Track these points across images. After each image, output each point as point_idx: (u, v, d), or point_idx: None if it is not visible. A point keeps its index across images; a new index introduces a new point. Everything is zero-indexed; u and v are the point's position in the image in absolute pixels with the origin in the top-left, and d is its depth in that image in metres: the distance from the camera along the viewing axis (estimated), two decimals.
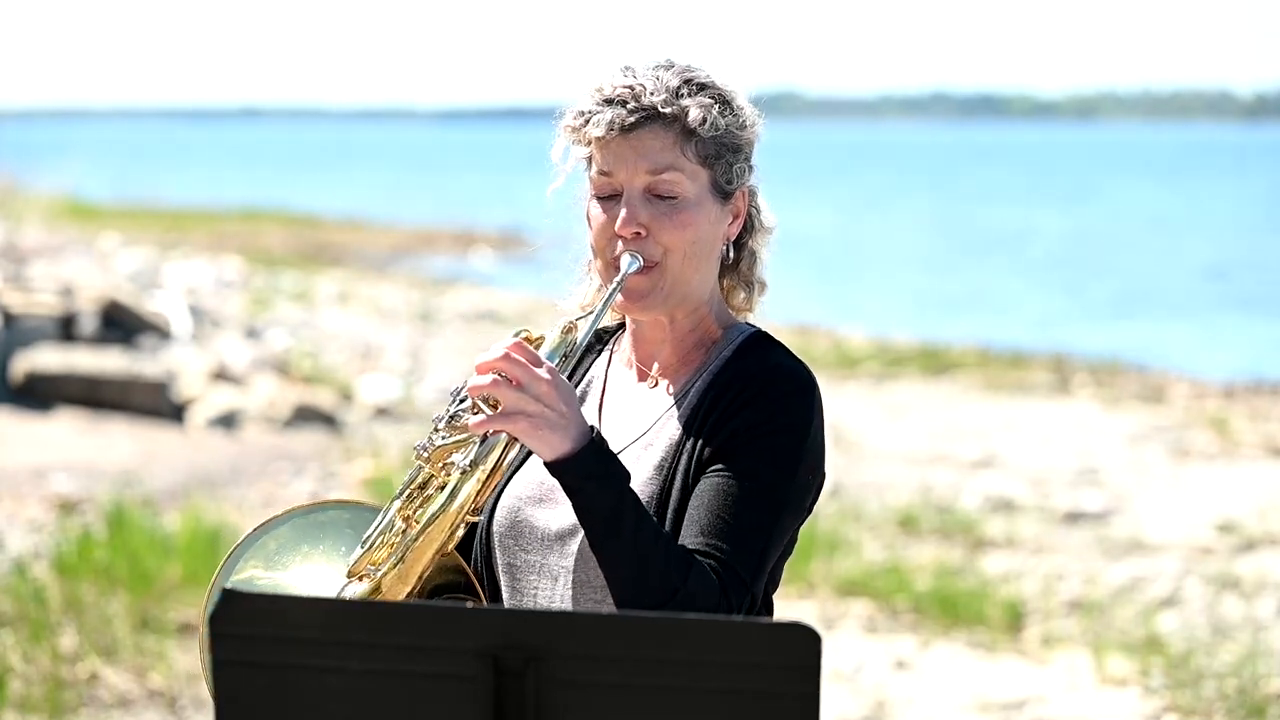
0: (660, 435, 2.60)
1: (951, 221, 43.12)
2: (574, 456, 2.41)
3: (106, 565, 7.82)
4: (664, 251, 2.57)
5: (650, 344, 2.68)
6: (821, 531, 9.28)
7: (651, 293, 2.59)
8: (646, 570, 2.40)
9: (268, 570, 2.60)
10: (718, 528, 2.46)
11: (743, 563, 2.46)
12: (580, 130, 2.60)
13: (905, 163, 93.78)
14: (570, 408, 2.43)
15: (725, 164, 2.60)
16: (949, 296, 25.73)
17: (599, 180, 2.60)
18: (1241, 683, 7.17)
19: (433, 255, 31.96)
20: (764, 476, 2.49)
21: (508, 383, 2.41)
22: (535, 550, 2.61)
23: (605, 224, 2.59)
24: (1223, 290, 26.79)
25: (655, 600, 2.39)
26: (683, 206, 2.57)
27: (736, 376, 2.56)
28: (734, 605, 2.44)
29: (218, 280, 22.66)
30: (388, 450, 11.72)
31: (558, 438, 2.41)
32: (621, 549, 2.40)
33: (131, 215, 35.32)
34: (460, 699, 2.01)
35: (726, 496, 2.48)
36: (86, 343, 13.71)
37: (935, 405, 14.86)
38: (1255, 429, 13.73)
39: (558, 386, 2.42)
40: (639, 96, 2.56)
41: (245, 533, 2.66)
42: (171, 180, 54.79)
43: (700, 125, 2.56)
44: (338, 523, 2.64)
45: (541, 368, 2.43)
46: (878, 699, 7.12)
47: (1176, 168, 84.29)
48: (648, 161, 2.56)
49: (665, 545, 2.42)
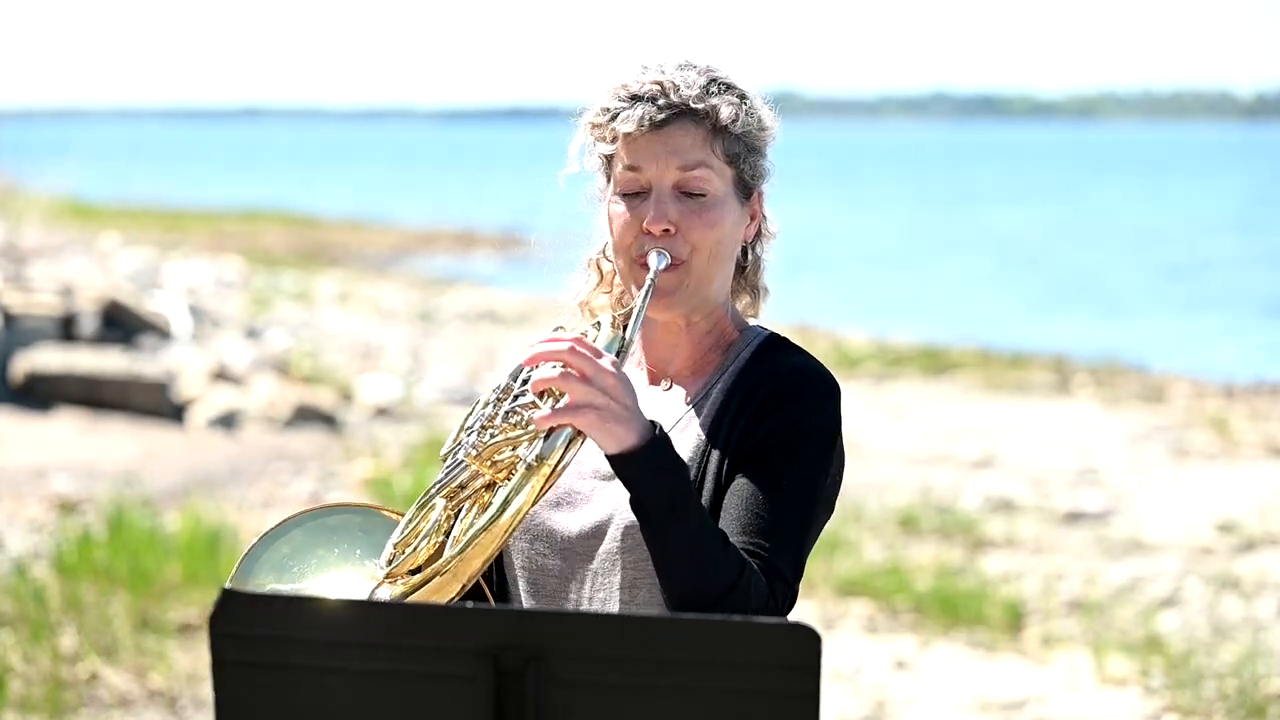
0: (684, 437, 2.58)
1: (927, 221, 43.13)
2: (640, 450, 2.38)
3: (106, 565, 7.82)
4: (691, 250, 2.56)
5: (664, 346, 2.66)
6: (821, 531, 9.28)
7: (678, 291, 2.57)
8: (704, 564, 2.38)
9: (282, 577, 2.53)
10: (759, 526, 2.47)
11: (785, 560, 2.47)
12: (606, 126, 2.58)
13: (905, 163, 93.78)
14: (634, 401, 2.40)
15: (749, 163, 2.60)
16: (901, 293, 25.94)
17: (625, 177, 2.58)
18: (1241, 683, 7.17)
19: (433, 255, 31.97)
20: (800, 476, 2.51)
21: (575, 376, 2.38)
22: (557, 554, 2.58)
23: (631, 221, 2.57)
24: (1178, 289, 26.94)
25: (711, 594, 2.37)
26: (711, 205, 2.57)
27: (764, 379, 2.55)
28: (779, 602, 2.44)
29: (218, 280, 22.66)
30: (388, 450, 11.71)
31: (624, 430, 2.37)
32: (681, 542, 2.38)
33: (131, 215, 35.35)
34: (460, 699, 2.01)
35: (765, 495, 2.48)
36: (86, 343, 13.71)
37: (935, 405, 14.86)
38: (1255, 429, 13.73)
39: (622, 380, 2.39)
40: (669, 93, 2.55)
41: (252, 541, 2.59)
42: (171, 180, 54.82)
43: (731, 123, 2.56)
44: (349, 526, 2.58)
45: (605, 359, 2.40)
46: (878, 699, 7.13)
47: (1166, 167, 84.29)
48: (679, 158, 2.55)
49: (723, 542, 2.41)
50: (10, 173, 27.09)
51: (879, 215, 45.74)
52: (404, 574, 2.44)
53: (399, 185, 62.16)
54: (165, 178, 58.40)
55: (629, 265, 2.59)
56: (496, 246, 32.82)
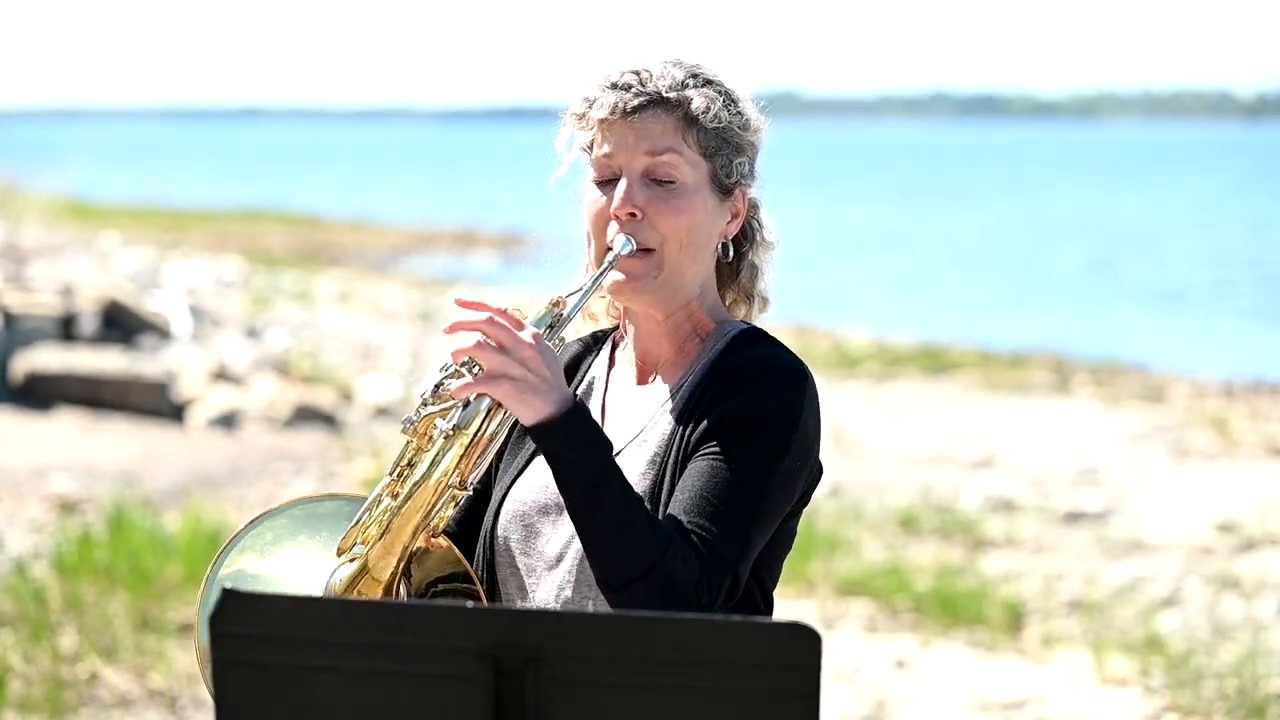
0: (654, 430, 2.59)
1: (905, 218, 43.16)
2: (556, 421, 2.39)
3: (106, 565, 7.82)
4: (661, 240, 2.57)
5: (647, 338, 2.68)
6: (821, 531, 9.28)
7: (644, 275, 2.58)
8: (625, 541, 2.38)
9: (261, 560, 2.59)
10: (701, 507, 2.45)
11: (726, 542, 2.44)
12: (584, 115, 2.61)
13: (905, 163, 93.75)
14: (553, 373, 2.41)
15: (726, 158, 2.61)
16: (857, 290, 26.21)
17: (599, 163, 2.60)
18: (1241, 683, 7.17)
19: (433, 255, 31.96)
20: (752, 461, 2.48)
21: (492, 346, 2.40)
22: (533, 548, 2.60)
23: (602, 207, 2.59)
24: (1179, 289, 27.05)
25: (633, 572, 2.37)
26: (680, 193, 2.58)
27: (727, 367, 2.56)
28: (714, 583, 2.42)
29: (218, 280, 22.65)
30: (388, 450, 11.72)
31: (540, 401, 2.39)
32: (601, 518, 2.39)
33: (131, 215, 35.35)
34: (460, 699, 2.01)
35: (711, 477, 2.47)
36: (86, 343, 13.71)
37: (935, 405, 14.86)
38: (1255, 429, 13.73)
39: (542, 351, 2.41)
40: (645, 82, 2.58)
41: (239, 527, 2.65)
42: (171, 180, 54.81)
43: (703, 114, 2.57)
44: (337, 515, 2.63)
45: (525, 332, 2.42)
46: (878, 699, 7.12)
47: (1166, 167, 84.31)
48: (647, 143, 2.57)
49: (647, 518, 2.40)
50: (10, 173, 27.11)
51: (878, 215, 45.72)
52: (351, 549, 2.52)
53: (399, 185, 62.15)
54: (165, 178, 58.38)
55: (599, 252, 2.62)
56: (496, 246, 32.82)
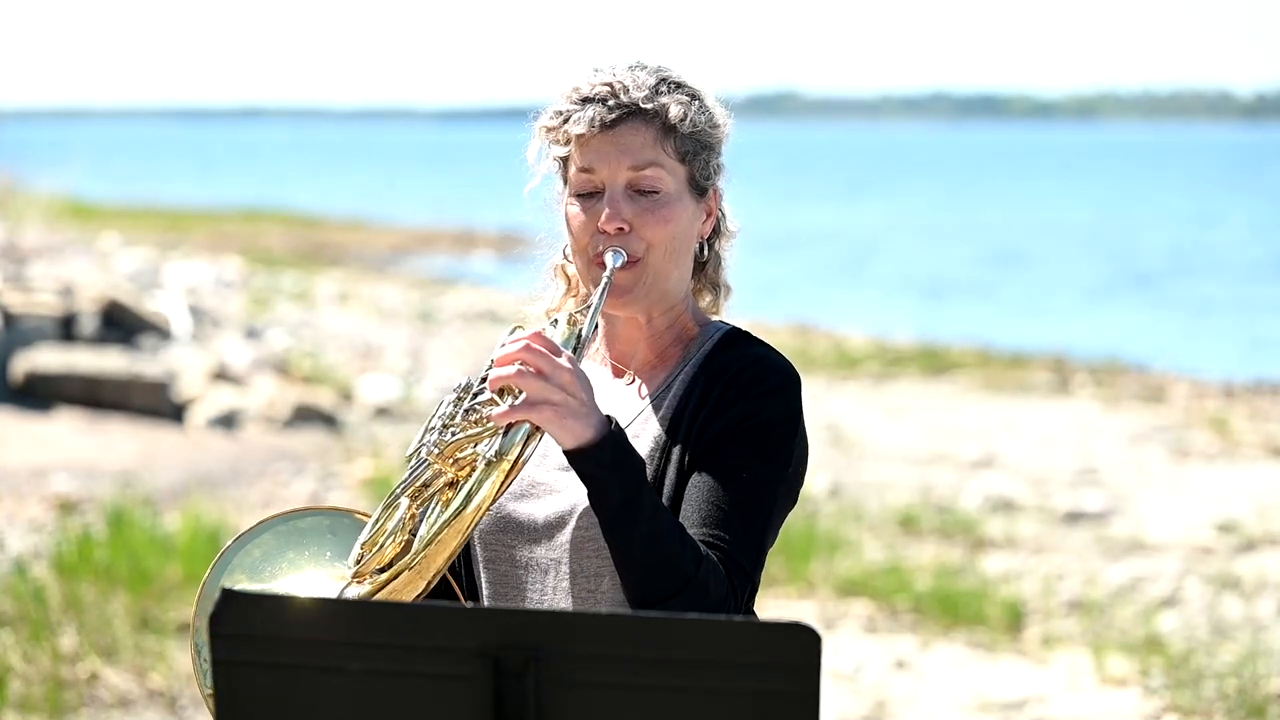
0: (643, 431, 2.61)
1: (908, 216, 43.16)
2: (596, 445, 2.40)
3: (106, 565, 7.82)
4: (647, 247, 2.60)
5: (625, 342, 2.70)
6: (821, 531, 9.28)
7: (635, 288, 2.60)
8: (661, 559, 2.40)
9: (255, 580, 2.58)
10: (718, 518, 2.48)
11: (744, 552, 2.48)
12: (559, 129, 2.62)
13: (904, 162, 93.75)
14: (590, 396, 2.43)
15: (702, 161, 2.64)
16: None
17: (579, 178, 2.62)
18: (1241, 683, 7.17)
19: (432, 255, 31.97)
20: (760, 468, 2.52)
21: (531, 373, 2.41)
22: (523, 545, 2.61)
23: (586, 222, 2.61)
24: (1178, 289, 27.09)
25: (668, 588, 2.40)
26: (664, 202, 2.60)
27: (723, 370, 2.58)
28: (739, 595, 2.46)
29: (218, 280, 22.66)
30: (388, 450, 11.72)
31: (580, 425, 2.40)
32: (637, 537, 2.40)
33: (131, 215, 35.35)
34: (460, 699, 2.01)
35: (724, 488, 2.50)
36: (86, 343, 13.71)
37: (935, 405, 14.86)
38: (1255, 429, 13.73)
39: (578, 375, 2.43)
40: (619, 94, 2.59)
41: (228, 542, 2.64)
42: (171, 180, 54.82)
43: (680, 121, 2.60)
44: (318, 529, 2.63)
45: (562, 357, 2.43)
46: (878, 699, 7.12)
47: (1165, 167, 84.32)
48: (630, 157, 2.59)
49: (680, 535, 2.43)
50: (10, 173, 27.07)
51: (876, 215, 45.71)
52: (371, 573, 2.49)
53: (399, 185, 62.14)
54: (165, 178, 58.40)
55: (587, 265, 2.63)
56: (496, 246, 32.82)
